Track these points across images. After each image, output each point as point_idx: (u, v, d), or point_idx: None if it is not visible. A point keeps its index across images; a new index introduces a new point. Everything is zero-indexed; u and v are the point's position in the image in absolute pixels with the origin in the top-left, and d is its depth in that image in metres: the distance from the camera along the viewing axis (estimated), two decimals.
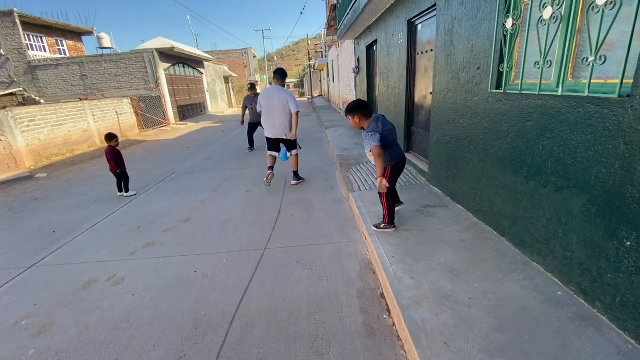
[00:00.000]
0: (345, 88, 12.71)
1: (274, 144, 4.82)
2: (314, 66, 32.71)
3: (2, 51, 13.17)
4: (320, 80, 33.42)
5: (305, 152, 7.32)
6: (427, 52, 4.30)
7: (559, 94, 1.97)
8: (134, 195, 5.04)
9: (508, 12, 2.38)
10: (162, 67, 14.92)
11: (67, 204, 4.92)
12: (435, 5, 3.70)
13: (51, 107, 8.96)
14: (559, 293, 2.01)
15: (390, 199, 2.94)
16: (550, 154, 2.08)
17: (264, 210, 4.11)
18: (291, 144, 4.83)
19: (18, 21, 13.00)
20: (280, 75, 4.69)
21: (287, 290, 2.47)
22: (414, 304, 2.02)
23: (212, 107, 22.42)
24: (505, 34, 2.44)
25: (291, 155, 4.88)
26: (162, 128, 14.27)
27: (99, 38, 19.56)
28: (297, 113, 4.59)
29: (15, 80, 13.69)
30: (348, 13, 7.16)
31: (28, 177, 6.77)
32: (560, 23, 1.92)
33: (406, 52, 4.80)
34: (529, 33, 2.22)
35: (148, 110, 13.70)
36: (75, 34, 17.04)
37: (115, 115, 11.58)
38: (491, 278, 2.21)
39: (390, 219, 2.95)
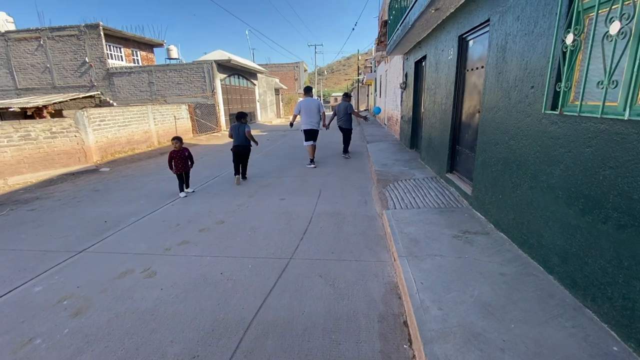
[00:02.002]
0: (391, 103, 12.54)
1: (313, 135, 7.18)
2: (362, 81, 32.89)
3: (87, 59, 15.10)
4: (368, 95, 33.44)
5: (343, 165, 7.29)
6: (477, 68, 4.08)
7: (626, 118, 1.72)
8: (192, 192, 5.42)
9: (569, 27, 2.16)
10: (219, 77, 15.99)
11: (121, 198, 5.39)
12: (488, 20, 3.51)
13: (119, 109, 10.00)
14: (615, 349, 1.70)
15: None
16: (612, 185, 1.81)
17: (295, 219, 4.12)
18: (317, 134, 7.26)
19: (102, 33, 14.86)
20: (309, 91, 7.42)
21: (306, 303, 2.41)
22: (438, 338, 1.85)
23: (261, 117, 23.45)
24: (565, 50, 2.22)
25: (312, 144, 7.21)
26: (213, 134, 15.20)
27: (168, 50, 21.65)
28: (324, 113, 7.33)
29: (95, 84, 15.56)
30: (398, 28, 7.11)
31: (93, 171, 7.56)
32: (629, 39, 1.69)
33: (455, 68, 4.61)
34: (592, 50, 1.99)
35: (203, 117, 14.71)
36: (148, 46, 19.01)
37: (173, 119, 12.58)
38: (532, 320, 1.95)
39: None
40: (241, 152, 5.94)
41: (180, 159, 5.22)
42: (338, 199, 4.91)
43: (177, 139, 5.25)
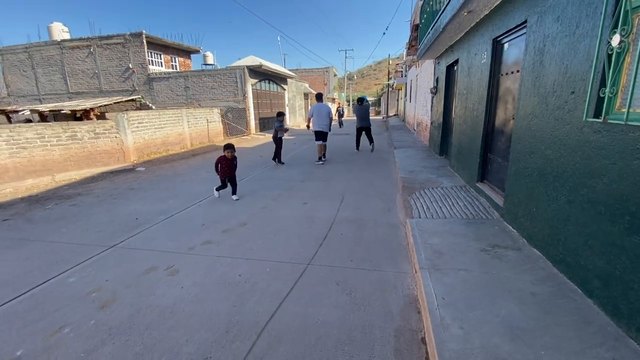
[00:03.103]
0: (421, 108, 12.23)
1: (323, 136, 8.27)
2: (393, 85, 32.44)
3: (130, 65, 16.15)
4: (398, 100, 32.91)
5: (367, 171, 7.18)
6: (511, 73, 3.86)
7: None
8: (236, 200, 5.28)
9: (615, 27, 1.98)
10: (250, 82, 16.44)
11: (153, 196, 5.65)
12: (525, 22, 3.31)
13: (156, 112, 10.56)
14: None
15: None
16: None
17: (316, 224, 4.09)
18: (326, 135, 8.38)
19: (144, 41, 15.83)
20: (320, 97, 8.80)
21: (321, 311, 2.37)
22: (458, 359, 1.73)
23: (290, 121, 23.79)
24: (610, 52, 2.02)
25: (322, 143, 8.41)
26: (243, 137, 15.61)
27: (204, 56, 22.70)
28: (332, 117, 8.74)
29: (137, 89, 16.57)
30: (429, 32, 6.92)
31: (130, 170, 8.02)
32: None
33: (488, 73, 4.39)
34: None
35: (233, 120, 15.18)
36: (186, 52, 19.99)
37: (206, 122, 13.08)
38: (566, 348, 1.77)
39: None
40: (274, 139, 8.40)
41: (228, 167, 5.24)
42: (361, 205, 4.82)
43: (230, 147, 5.25)
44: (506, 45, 4.07)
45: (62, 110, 11.62)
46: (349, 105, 53.14)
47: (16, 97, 18.26)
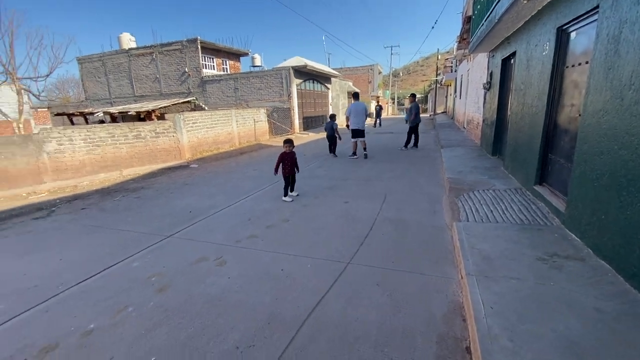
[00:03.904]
0: (472, 105, 11.53)
1: (359, 133, 8.61)
2: (441, 81, 30.98)
3: (186, 69, 17.38)
4: (446, 97, 31.36)
5: (412, 170, 6.96)
6: (578, 64, 3.48)
7: None
8: (296, 196, 5.36)
9: None
10: (295, 83, 16.79)
11: (204, 191, 6.05)
12: (597, 7, 2.97)
13: (208, 113, 11.26)
14: None
15: None
16: None
17: (357, 223, 4.08)
18: (363, 132, 8.70)
19: (199, 46, 16.93)
20: (357, 96, 9.13)
21: (360, 311, 2.37)
22: None
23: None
24: None
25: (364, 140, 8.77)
26: (287, 135, 16.02)
27: (252, 58, 23.61)
28: (368, 114, 9.13)
29: (192, 91, 17.80)
30: (482, 24, 6.49)
31: (185, 166, 8.66)
32: None
33: (551, 65, 4.01)
34: None
35: (278, 120, 15.64)
36: (236, 55, 20.98)
37: (253, 122, 13.65)
38: None
39: None
40: (329, 138, 9.52)
41: (290, 162, 5.22)
42: (404, 205, 4.70)
43: (289, 142, 5.18)
44: (573, 35, 3.68)
45: (129, 112, 12.89)
46: (393, 102, 51.84)
47: (92, 101, 20.64)
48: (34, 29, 33.64)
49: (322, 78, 20.97)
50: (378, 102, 22.06)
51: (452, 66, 23.75)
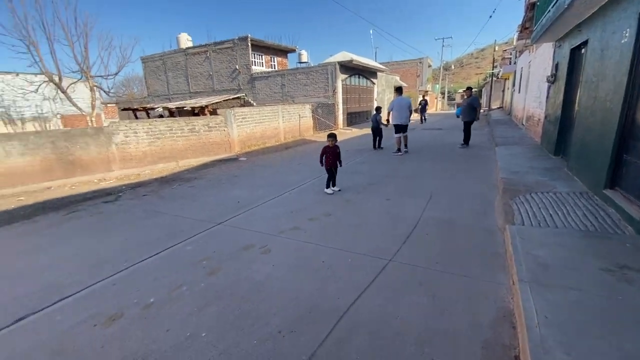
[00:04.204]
0: (533, 100, 10.58)
1: (403, 128, 8.60)
2: (498, 75, 28.83)
3: (237, 66, 18.19)
4: (503, 91, 29.12)
5: (461, 169, 6.62)
6: None
7: None
8: (339, 191, 5.41)
9: None
10: (340, 78, 16.75)
11: (252, 183, 6.34)
12: None
13: (257, 108, 11.70)
14: None
15: None
16: None
17: (400, 221, 3.99)
18: (406, 128, 8.71)
19: (249, 44, 17.60)
20: (400, 91, 8.86)
21: (400, 309, 2.34)
22: None
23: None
24: None
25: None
26: (331, 131, 16.08)
27: (299, 54, 23.98)
28: (412, 110, 9.04)
29: (241, 87, 18.61)
30: (549, 10, 5.91)
31: (234, 159, 9.12)
32: None
33: (631, 54, 3.54)
34: None
35: (322, 115, 15.76)
36: (284, 52, 21.46)
37: (298, 117, 13.91)
38: None
39: None
40: (374, 130, 9.75)
41: (332, 155, 5.35)
42: (451, 205, 4.50)
43: (333, 136, 5.35)
44: None
45: (185, 107, 13.87)
46: (443, 97, 49.39)
47: (153, 97, 22.52)
48: (105, 31, 37.40)
49: (367, 73, 20.66)
50: (424, 96, 20.81)
51: (510, 58, 22.00)
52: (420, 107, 19.91)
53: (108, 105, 26.91)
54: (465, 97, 9.46)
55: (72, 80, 13.99)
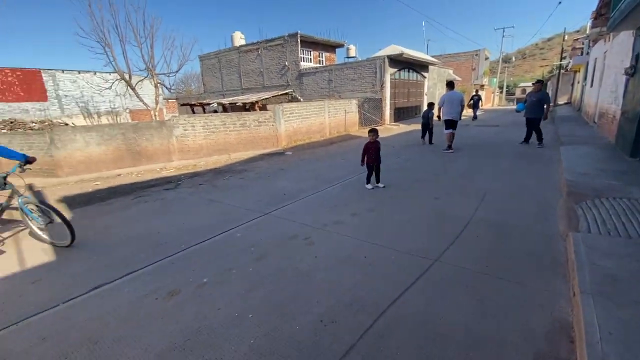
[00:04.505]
0: (607, 95, 9.39)
1: (453, 124, 8.27)
2: (567, 66, 26.03)
3: (286, 63, 18.63)
4: (572, 84, 26.22)
5: (520, 169, 6.14)
6: None
7: None
8: (382, 187, 5.35)
9: None
10: (389, 72, 16.36)
11: (297, 177, 6.52)
12: None
13: (304, 104, 11.93)
14: None
15: None
16: None
17: (448, 221, 3.84)
18: (456, 123, 8.34)
19: (299, 40, 17.90)
20: (452, 85, 8.52)
21: (444, 311, 2.27)
22: None
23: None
24: None
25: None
26: (377, 126, 15.82)
27: (347, 49, 23.83)
28: (464, 105, 8.69)
29: (290, 83, 19.04)
30: None
31: (281, 153, 9.42)
32: None
33: None
34: None
35: (369, 110, 15.55)
36: (332, 47, 21.50)
37: (344, 113, 13.90)
38: None
39: None
40: (424, 125, 9.91)
41: (375, 151, 5.34)
42: (507, 207, 4.22)
43: (374, 132, 5.32)
44: None
45: (237, 103, 14.58)
46: (501, 92, 45.82)
47: (209, 93, 23.98)
48: (168, 32, 40.62)
49: (418, 66, 19.90)
50: (477, 91, 19.17)
51: (582, 48, 19.74)
52: (472, 102, 18.49)
53: (169, 100, 29.26)
54: (534, 90, 8.46)
55: (139, 77, 15.45)
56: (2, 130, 10.05)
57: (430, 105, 9.92)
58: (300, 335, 2.10)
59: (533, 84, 8.81)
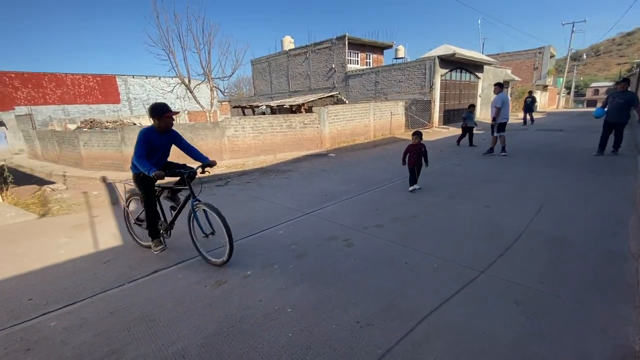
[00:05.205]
0: None
1: (505, 126, 8.18)
2: None
3: (333, 65, 18.80)
4: None
5: (586, 179, 5.56)
6: None
7: None
8: (419, 189, 5.36)
9: None
10: (440, 73, 15.72)
11: (339, 178, 6.57)
12: None
13: (349, 106, 11.95)
14: None
15: None
16: None
17: (498, 232, 3.62)
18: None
19: (346, 42, 17.96)
20: (501, 86, 8.27)
21: (489, 324, 2.16)
22: None
23: (480, 113, 21.21)
24: None
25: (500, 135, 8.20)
26: (424, 129, 15.28)
27: (396, 50, 23.36)
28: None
29: (336, 86, 19.18)
30: None
31: (324, 155, 9.55)
32: None
33: None
34: None
35: (416, 113, 15.09)
36: (380, 49, 21.23)
37: (390, 115, 13.65)
38: None
39: None
40: (466, 128, 9.92)
41: (416, 153, 5.26)
42: (567, 220, 3.85)
43: (418, 134, 5.33)
44: None
45: (284, 105, 15.06)
46: (568, 92, 41.49)
47: (258, 96, 25.07)
48: (224, 37, 43.26)
49: (472, 66, 18.86)
50: (530, 93, 17.11)
51: None
52: (525, 105, 16.62)
53: (222, 103, 31.10)
54: (618, 90, 7.32)
55: (197, 82, 16.67)
56: (84, 129, 11.51)
57: (471, 107, 10.11)
58: (336, 335, 2.14)
59: (617, 82, 7.77)
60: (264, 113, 18.24)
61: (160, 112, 3.13)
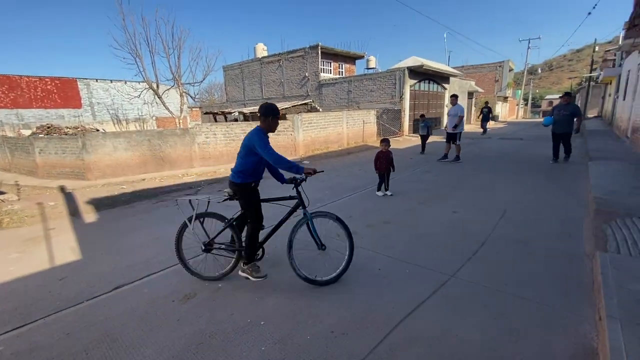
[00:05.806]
0: None
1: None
2: (597, 79, 25.08)
3: (306, 74, 18.95)
4: (603, 97, 25.18)
5: (544, 185, 5.93)
6: None
7: None
8: (390, 195, 5.58)
9: None
10: (409, 84, 16.30)
11: (314, 186, 6.52)
12: None
13: (322, 114, 12.05)
14: None
15: None
16: None
17: (466, 236, 3.75)
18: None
19: (319, 52, 18.20)
20: (456, 97, 8.79)
21: (459, 328, 2.21)
22: None
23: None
24: None
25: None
26: (395, 138, 15.70)
27: (367, 60, 23.99)
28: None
29: (309, 94, 19.32)
30: None
31: (298, 162, 9.53)
32: None
33: None
34: None
35: (387, 121, 15.50)
36: (352, 59, 21.71)
37: (362, 123, 13.93)
38: None
39: None
40: (424, 137, 10.85)
41: (385, 160, 5.57)
42: (529, 224, 4.07)
43: (386, 142, 5.65)
44: None
45: (257, 112, 14.92)
46: (526, 104, 44.49)
47: (231, 102, 24.69)
48: (195, 42, 42.36)
49: (439, 78, 19.74)
50: (487, 104, 18.03)
51: (614, 60, 19.00)
52: (482, 114, 17.51)
53: (193, 109, 30.30)
54: (562, 103, 7.98)
55: (166, 87, 16.12)
56: (40, 135, 10.71)
57: (421, 116, 11.23)
58: (311, 345, 2.10)
59: (561, 96, 8.47)
60: (237, 119, 17.95)
61: (277, 112, 2.96)
